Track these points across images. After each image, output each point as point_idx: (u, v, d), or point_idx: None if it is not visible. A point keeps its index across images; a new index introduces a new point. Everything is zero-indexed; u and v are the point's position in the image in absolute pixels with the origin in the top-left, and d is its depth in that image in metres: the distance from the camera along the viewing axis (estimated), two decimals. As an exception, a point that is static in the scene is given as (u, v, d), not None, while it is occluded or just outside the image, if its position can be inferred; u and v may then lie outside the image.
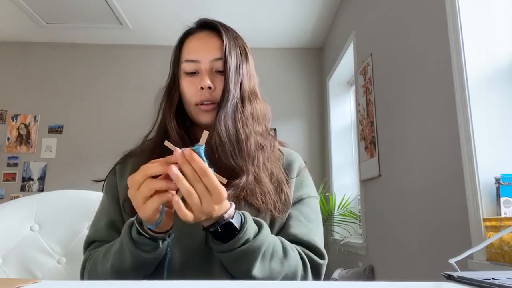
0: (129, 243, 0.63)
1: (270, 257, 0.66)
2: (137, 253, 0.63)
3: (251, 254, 0.64)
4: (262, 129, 0.82)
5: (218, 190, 0.57)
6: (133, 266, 0.65)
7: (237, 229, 0.62)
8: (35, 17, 3.67)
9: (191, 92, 0.78)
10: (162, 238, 0.63)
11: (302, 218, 0.78)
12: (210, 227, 0.62)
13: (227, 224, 0.62)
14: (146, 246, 0.63)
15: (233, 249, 0.62)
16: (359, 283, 0.52)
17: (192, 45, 0.80)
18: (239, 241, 0.62)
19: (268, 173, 0.77)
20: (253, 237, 0.64)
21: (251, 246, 0.63)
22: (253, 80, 0.84)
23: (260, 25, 3.83)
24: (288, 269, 0.69)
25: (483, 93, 1.45)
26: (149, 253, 0.64)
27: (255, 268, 0.65)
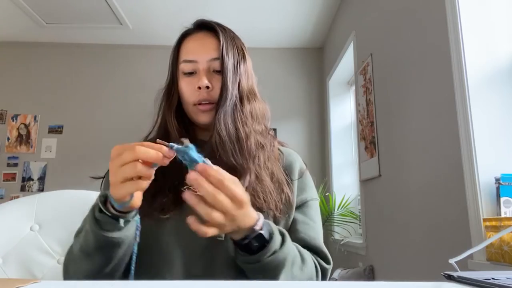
0: (91, 222, 0.62)
1: (291, 264, 0.67)
2: (99, 232, 0.61)
3: (278, 264, 0.64)
4: (262, 128, 0.82)
5: (240, 196, 0.57)
6: (97, 246, 0.63)
7: (267, 240, 0.62)
8: (35, 17, 3.67)
9: (189, 91, 0.79)
10: (124, 218, 0.62)
11: (310, 222, 0.79)
12: (242, 240, 0.62)
13: (257, 236, 0.62)
14: (107, 225, 0.61)
15: (261, 260, 0.62)
16: (359, 283, 0.52)
17: (190, 45, 0.81)
18: (268, 252, 0.62)
19: (269, 172, 0.77)
20: (279, 247, 0.64)
21: (278, 256, 0.63)
22: (251, 79, 0.84)
23: (260, 25, 3.83)
24: (306, 275, 0.70)
25: (483, 93, 1.45)
26: (110, 232, 0.61)
27: (281, 277, 0.65)
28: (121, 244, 0.64)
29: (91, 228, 0.62)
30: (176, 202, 0.72)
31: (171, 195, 0.72)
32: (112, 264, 0.66)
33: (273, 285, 0.53)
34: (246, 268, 0.65)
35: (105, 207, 0.61)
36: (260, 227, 0.62)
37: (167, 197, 0.72)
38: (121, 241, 0.63)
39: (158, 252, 0.71)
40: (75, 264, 0.68)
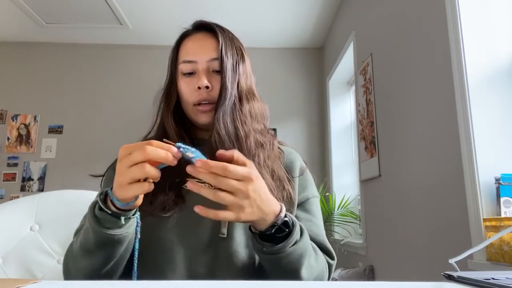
0: (91, 220, 0.62)
1: (309, 255, 0.68)
2: (99, 229, 0.61)
3: (300, 253, 0.65)
4: (261, 127, 0.83)
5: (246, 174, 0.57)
6: (97, 243, 0.63)
7: (291, 228, 0.63)
8: (35, 17, 3.67)
9: (189, 92, 0.79)
10: (125, 216, 0.62)
11: (313, 218, 0.80)
12: (268, 229, 0.62)
13: (284, 223, 0.63)
14: (108, 222, 0.61)
15: (285, 249, 0.63)
16: (359, 283, 0.52)
17: (189, 46, 0.81)
18: (292, 240, 0.63)
19: (269, 170, 0.77)
20: (300, 236, 0.65)
21: (300, 244, 0.64)
22: (249, 79, 0.85)
23: (260, 25, 3.83)
24: (320, 266, 0.71)
25: (483, 93, 1.45)
26: (111, 230, 0.61)
27: (303, 267, 0.66)
28: (122, 241, 0.64)
29: (91, 225, 0.62)
30: (177, 200, 0.73)
31: (172, 193, 0.73)
32: (113, 261, 0.66)
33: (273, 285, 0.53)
34: (268, 260, 0.65)
35: (105, 205, 0.61)
36: (284, 214, 0.63)
37: (168, 196, 0.72)
38: (122, 238, 0.63)
39: (160, 250, 0.71)
40: (76, 262, 0.68)
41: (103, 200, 0.61)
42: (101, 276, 0.67)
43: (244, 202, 0.58)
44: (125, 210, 0.61)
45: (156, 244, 0.72)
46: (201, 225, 0.72)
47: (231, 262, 0.70)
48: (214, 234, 0.72)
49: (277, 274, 0.67)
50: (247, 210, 0.58)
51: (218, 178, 0.56)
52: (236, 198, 0.57)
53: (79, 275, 0.68)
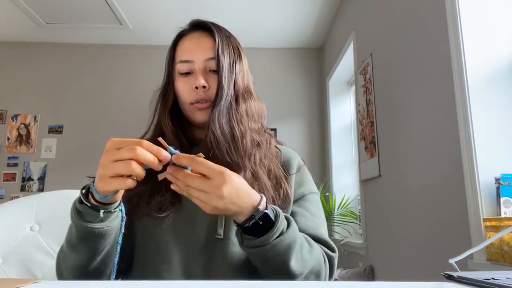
0: (73, 213, 0.62)
1: (300, 247, 0.67)
2: (80, 223, 0.61)
3: (288, 246, 0.63)
4: (258, 126, 0.83)
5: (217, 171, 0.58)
6: (80, 238, 0.63)
7: (273, 220, 0.62)
8: (35, 17, 3.67)
9: (186, 91, 0.79)
10: (104, 209, 0.61)
11: (307, 214, 0.79)
12: (246, 222, 0.62)
13: (264, 216, 0.62)
14: (89, 216, 0.61)
15: (269, 241, 0.62)
16: (359, 283, 0.52)
17: (186, 45, 0.81)
18: (276, 232, 0.62)
19: (266, 169, 0.77)
20: (286, 228, 0.64)
21: (286, 237, 0.63)
22: (246, 78, 0.84)
23: (260, 25, 3.83)
24: (316, 259, 0.70)
25: (483, 93, 1.45)
26: (92, 224, 0.61)
27: (292, 259, 0.64)
28: (104, 235, 0.63)
29: (73, 219, 0.62)
30: (173, 201, 0.73)
31: (169, 194, 0.72)
32: (99, 257, 0.65)
33: (273, 285, 0.53)
34: (255, 254, 0.64)
35: (86, 198, 0.60)
36: (264, 207, 0.62)
37: (164, 196, 0.72)
38: (103, 232, 0.62)
39: (157, 251, 0.71)
40: (64, 259, 0.68)
41: (85, 194, 0.61)
42: (90, 274, 0.67)
43: (216, 201, 0.58)
44: (106, 204, 0.60)
45: (152, 244, 0.72)
46: (197, 226, 0.72)
47: (227, 263, 0.70)
48: (211, 235, 0.71)
49: (266, 269, 0.66)
50: (218, 208, 0.59)
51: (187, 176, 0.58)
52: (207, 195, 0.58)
53: (69, 274, 0.68)
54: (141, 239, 0.74)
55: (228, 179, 0.58)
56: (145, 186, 0.71)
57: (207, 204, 0.58)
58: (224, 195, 0.58)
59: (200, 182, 0.58)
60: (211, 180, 0.58)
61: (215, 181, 0.58)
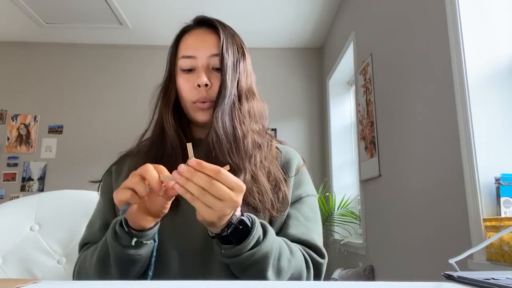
0: (110, 233, 0.64)
1: (279, 256, 0.66)
2: (115, 245, 0.63)
3: (264, 254, 0.63)
4: (259, 127, 0.82)
5: (240, 184, 0.57)
6: (114, 260, 0.64)
7: (249, 227, 0.62)
8: (35, 17, 3.67)
9: (188, 89, 0.78)
10: (137, 237, 0.62)
11: (301, 218, 0.78)
12: (223, 231, 0.61)
13: (240, 222, 0.61)
14: (123, 240, 0.63)
15: (246, 250, 0.61)
16: (359, 283, 0.52)
17: (189, 41, 0.80)
18: (252, 240, 0.61)
19: (265, 172, 0.76)
20: (263, 237, 0.64)
21: (263, 245, 0.63)
22: (250, 78, 0.83)
23: (260, 25, 3.83)
24: (294, 267, 0.69)
25: (483, 93, 1.45)
26: (126, 248, 0.63)
27: (269, 269, 0.64)
28: (136, 260, 0.65)
29: (109, 239, 0.64)
30: (172, 203, 0.72)
31: None
32: (129, 277, 0.67)
33: (273, 285, 0.53)
34: (234, 264, 0.64)
35: (126, 223, 0.63)
36: (240, 215, 0.62)
37: None
38: (135, 258, 0.64)
39: None
40: (89, 269, 0.69)
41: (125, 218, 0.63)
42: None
43: (228, 210, 0.57)
44: (141, 231, 0.63)
45: None
46: (195, 228, 0.71)
47: (224, 266, 0.69)
48: (208, 237, 0.70)
49: (243, 276, 0.66)
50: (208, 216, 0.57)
51: (212, 182, 0.55)
52: (223, 204, 0.56)
53: None
54: None
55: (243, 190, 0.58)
56: None
57: (215, 212, 0.56)
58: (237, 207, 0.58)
59: (226, 191, 0.56)
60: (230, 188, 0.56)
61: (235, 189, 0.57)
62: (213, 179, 0.55)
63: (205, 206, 0.56)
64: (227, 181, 0.56)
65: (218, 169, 0.55)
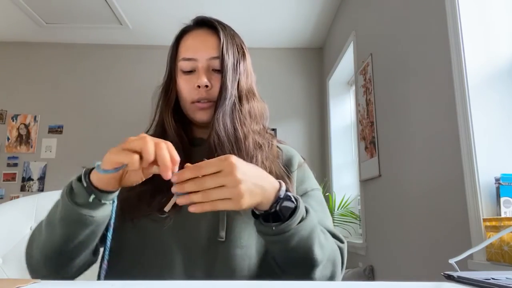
0: (65, 189, 0.60)
1: (318, 232, 0.66)
2: (68, 201, 0.59)
3: (311, 227, 0.63)
4: (260, 128, 0.82)
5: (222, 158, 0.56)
6: (61, 217, 0.60)
7: (295, 203, 0.62)
8: (35, 17, 3.67)
9: (188, 90, 0.78)
10: (96, 195, 0.59)
11: (310, 209, 0.79)
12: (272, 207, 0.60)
13: (286, 198, 0.61)
14: (79, 196, 0.59)
15: (294, 225, 0.60)
16: (359, 283, 0.52)
17: (189, 43, 0.80)
18: (299, 215, 0.61)
19: (268, 171, 0.76)
20: (306, 213, 0.64)
21: (308, 221, 0.63)
22: (250, 78, 0.84)
23: (260, 25, 3.83)
24: (330, 245, 0.69)
25: (483, 93, 1.45)
26: (79, 207, 0.58)
27: (316, 244, 0.64)
28: (86, 223, 0.60)
29: (63, 195, 0.60)
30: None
31: (170, 195, 0.72)
32: (72, 243, 0.63)
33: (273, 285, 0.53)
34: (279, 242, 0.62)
35: (85, 178, 0.59)
36: (284, 192, 0.62)
37: (165, 197, 0.72)
38: (85, 220, 0.59)
39: (158, 252, 0.71)
40: (39, 236, 0.65)
41: (86, 174, 0.59)
42: (57, 257, 0.64)
43: (238, 188, 0.55)
44: (102, 191, 0.59)
45: (153, 246, 0.71)
46: (199, 228, 0.71)
47: (229, 266, 0.69)
48: (212, 237, 0.70)
49: (289, 258, 0.65)
50: (245, 194, 0.56)
51: (199, 181, 0.55)
52: (228, 188, 0.55)
53: (38, 252, 0.65)
54: (141, 240, 0.73)
55: (235, 161, 0.57)
56: (146, 186, 0.70)
57: (236, 201, 0.56)
58: (241, 178, 0.55)
59: (213, 178, 0.55)
60: (222, 171, 0.56)
61: (225, 168, 0.55)
62: (200, 179, 0.55)
63: (226, 201, 0.56)
64: (211, 168, 0.56)
65: (197, 165, 0.56)
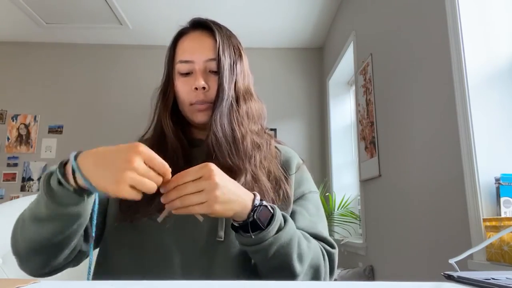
0: (45, 192, 0.58)
1: (299, 240, 0.68)
2: (52, 205, 0.58)
3: (289, 236, 0.65)
4: (258, 128, 0.82)
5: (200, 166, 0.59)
6: (49, 216, 0.60)
7: (271, 212, 0.64)
8: (35, 17, 3.67)
9: (185, 92, 0.78)
10: (87, 194, 0.59)
11: (306, 213, 0.79)
12: (250, 216, 0.62)
13: (263, 208, 0.63)
14: (65, 198, 0.58)
15: (272, 235, 0.63)
16: (359, 283, 0.52)
17: (186, 45, 0.80)
18: (277, 223, 0.64)
19: (266, 171, 0.77)
20: (284, 222, 0.66)
21: (286, 228, 0.65)
22: (247, 79, 0.84)
23: (260, 25, 3.83)
24: (313, 253, 0.70)
25: (483, 93, 1.45)
26: (67, 207, 0.58)
27: (294, 253, 0.65)
28: (78, 216, 0.61)
29: (44, 199, 0.58)
30: None
31: None
32: (62, 236, 0.63)
33: (273, 285, 0.53)
34: (258, 251, 0.64)
35: (64, 179, 0.57)
36: (259, 201, 0.64)
37: None
38: (76, 214, 0.60)
39: (157, 253, 0.71)
40: (23, 229, 0.65)
41: (62, 174, 0.57)
42: (47, 248, 0.64)
43: (214, 192, 0.58)
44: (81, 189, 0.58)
45: (152, 246, 0.71)
46: (197, 228, 0.71)
47: (228, 266, 0.70)
48: (211, 237, 0.71)
49: (268, 267, 0.67)
50: (220, 198, 0.58)
51: (180, 188, 0.57)
52: (205, 192, 0.58)
53: (24, 245, 0.65)
54: (140, 240, 0.73)
55: (214, 168, 0.60)
56: None
57: (210, 204, 0.58)
58: (218, 183, 0.58)
59: (193, 184, 0.58)
60: (202, 177, 0.59)
61: (204, 174, 0.58)
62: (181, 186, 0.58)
63: (201, 205, 0.58)
64: (191, 174, 0.58)
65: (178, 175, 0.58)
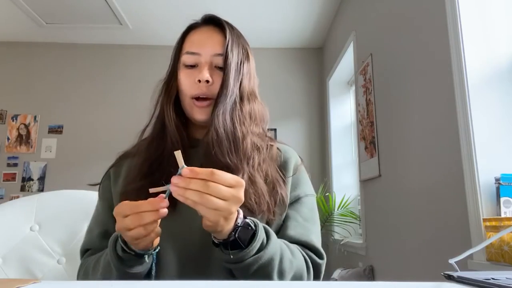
0: (115, 261, 0.65)
1: (281, 257, 0.66)
2: (123, 269, 0.64)
3: (270, 256, 0.64)
4: (260, 130, 0.81)
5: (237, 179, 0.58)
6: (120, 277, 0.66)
7: (254, 230, 0.63)
8: (35, 17, 3.67)
9: (188, 84, 0.77)
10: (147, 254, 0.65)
11: (300, 218, 0.78)
12: (230, 236, 0.61)
13: (244, 227, 0.62)
14: (131, 261, 0.64)
15: (253, 254, 0.62)
16: (359, 283, 0.52)
17: (195, 38, 0.80)
18: (258, 242, 0.62)
19: (263, 174, 0.75)
20: (267, 239, 0.64)
21: (268, 247, 0.63)
22: (253, 81, 0.83)
23: (260, 25, 3.83)
24: (296, 268, 0.69)
25: (483, 93, 1.45)
26: (134, 268, 0.65)
27: (275, 271, 0.65)
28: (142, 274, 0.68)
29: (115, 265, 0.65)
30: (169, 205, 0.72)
31: None
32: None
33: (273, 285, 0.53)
34: (241, 268, 0.63)
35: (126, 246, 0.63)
36: (243, 220, 0.63)
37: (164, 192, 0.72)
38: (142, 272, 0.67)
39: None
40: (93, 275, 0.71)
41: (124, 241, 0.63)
42: None
43: (233, 208, 0.58)
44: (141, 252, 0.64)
45: None
46: (193, 230, 0.71)
47: (223, 268, 0.68)
48: (206, 239, 0.69)
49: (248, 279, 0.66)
50: (229, 216, 0.59)
51: (208, 184, 0.55)
52: (227, 203, 0.56)
53: None
54: None
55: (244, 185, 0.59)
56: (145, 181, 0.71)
57: (219, 215, 0.57)
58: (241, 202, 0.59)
59: (223, 188, 0.56)
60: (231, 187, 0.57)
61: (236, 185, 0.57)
62: (209, 181, 0.55)
63: (208, 208, 0.56)
64: (223, 180, 0.56)
65: (211, 171, 0.55)
